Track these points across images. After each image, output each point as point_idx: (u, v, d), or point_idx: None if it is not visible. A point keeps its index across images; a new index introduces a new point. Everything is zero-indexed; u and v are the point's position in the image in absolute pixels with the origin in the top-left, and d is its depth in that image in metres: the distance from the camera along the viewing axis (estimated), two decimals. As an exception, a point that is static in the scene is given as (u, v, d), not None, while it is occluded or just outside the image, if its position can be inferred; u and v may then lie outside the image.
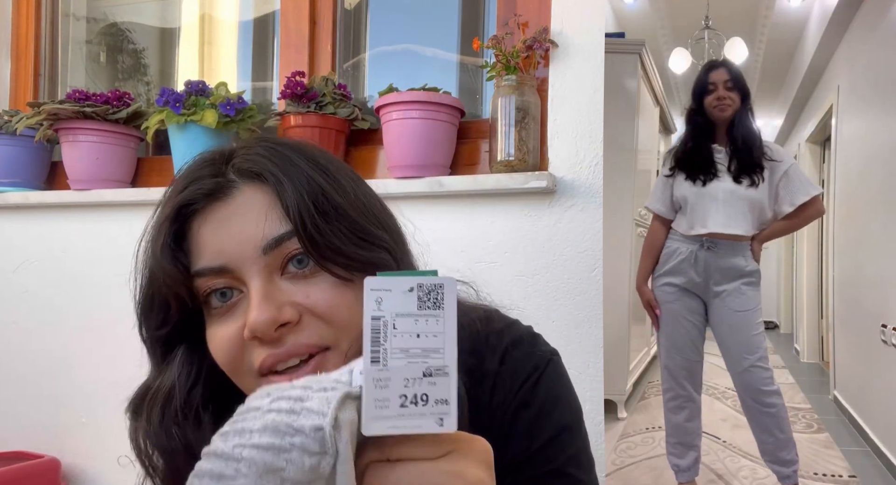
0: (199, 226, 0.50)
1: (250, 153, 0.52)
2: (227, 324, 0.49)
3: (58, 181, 1.78)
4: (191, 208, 0.51)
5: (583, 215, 1.27)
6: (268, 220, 0.49)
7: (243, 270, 0.49)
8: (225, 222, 0.50)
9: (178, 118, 1.48)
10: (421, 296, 0.36)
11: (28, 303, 1.72)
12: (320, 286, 0.49)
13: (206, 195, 0.50)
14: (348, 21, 1.72)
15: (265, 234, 0.49)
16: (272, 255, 0.49)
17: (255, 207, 0.50)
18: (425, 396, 0.35)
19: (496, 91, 1.31)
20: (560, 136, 1.29)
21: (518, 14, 1.34)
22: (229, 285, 0.50)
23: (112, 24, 2.10)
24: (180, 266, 0.49)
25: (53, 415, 1.68)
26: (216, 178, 0.51)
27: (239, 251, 0.49)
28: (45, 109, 1.58)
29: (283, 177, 0.50)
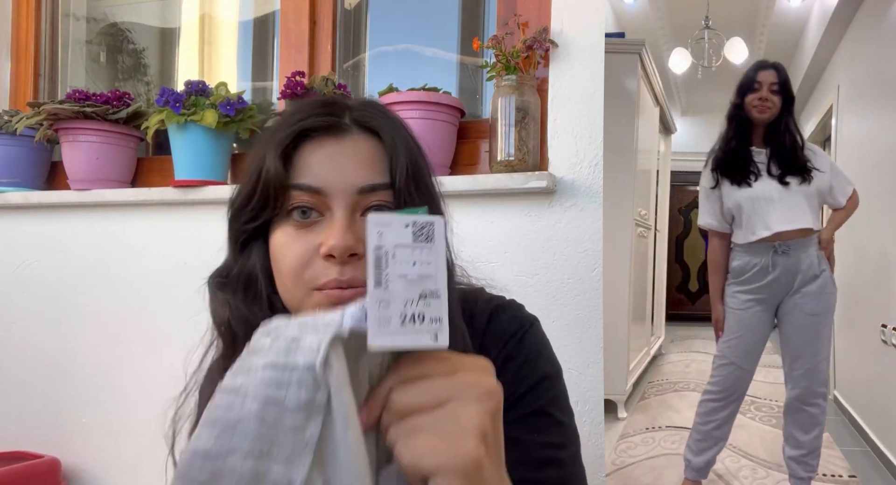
0: (310, 151, 0.58)
1: (368, 110, 0.61)
2: (303, 237, 0.57)
3: (58, 181, 1.78)
4: (308, 134, 0.59)
5: (583, 215, 1.27)
6: (372, 168, 0.58)
7: (335, 199, 0.57)
8: (335, 156, 0.58)
9: (178, 118, 1.48)
10: (415, 231, 0.41)
11: (28, 303, 1.72)
12: None
13: (325, 128, 0.59)
14: (348, 21, 1.72)
15: (366, 177, 0.58)
16: (363, 196, 0.57)
17: (364, 154, 0.58)
18: (422, 315, 0.40)
19: (496, 91, 1.31)
20: (560, 136, 1.29)
21: (518, 14, 1.34)
22: (315, 206, 0.57)
23: (112, 24, 2.10)
24: (287, 174, 0.57)
25: (53, 415, 1.68)
26: (335, 117, 0.60)
27: (339, 183, 0.57)
28: (45, 109, 1.58)
29: (396, 140, 0.59)
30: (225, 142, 1.55)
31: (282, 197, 0.57)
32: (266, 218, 0.59)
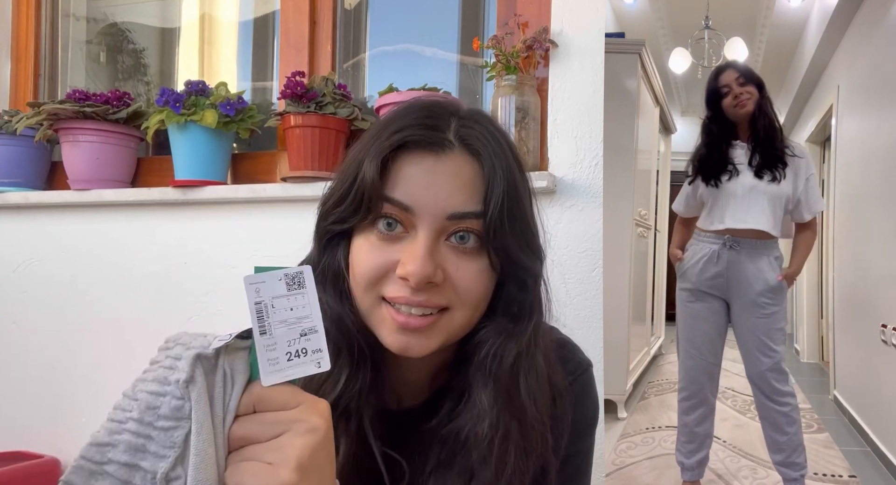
0: (406, 162, 0.56)
1: (475, 129, 0.58)
2: (383, 250, 0.56)
3: (58, 181, 1.78)
4: (407, 145, 0.56)
5: (583, 215, 1.27)
6: (467, 194, 0.56)
7: (422, 219, 0.55)
8: (430, 174, 0.56)
9: (178, 118, 1.48)
10: (288, 282, 0.47)
11: (28, 303, 1.72)
12: (470, 266, 0.56)
13: (426, 143, 0.56)
14: (348, 21, 1.72)
15: (459, 204, 0.55)
16: (452, 222, 0.56)
17: (461, 177, 0.56)
18: (304, 349, 0.47)
19: (496, 91, 1.31)
20: (560, 136, 1.29)
21: (518, 14, 1.34)
22: (402, 221, 0.56)
23: (112, 24, 2.10)
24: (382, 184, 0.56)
25: (53, 415, 1.68)
26: (440, 132, 0.57)
27: (429, 204, 0.55)
28: (45, 109, 1.58)
29: (496, 168, 0.56)
30: (225, 142, 1.55)
31: (373, 205, 0.56)
32: (353, 223, 0.58)
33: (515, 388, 0.58)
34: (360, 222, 0.57)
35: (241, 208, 1.52)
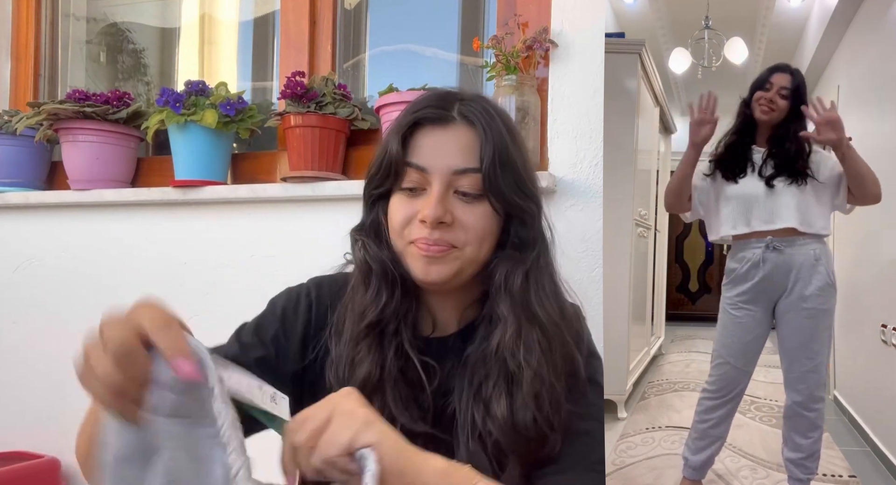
0: (420, 135, 0.73)
1: (473, 107, 0.74)
2: (408, 204, 0.73)
3: (58, 181, 1.78)
4: (422, 122, 0.73)
5: (583, 215, 1.27)
6: (468, 154, 0.72)
7: (434, 177, 0.72)
8: (439, 142, 0.73)
9: (178, 118, 1.48)
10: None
11: (28, 303, 1.72)
12: (475, 211, 0.73)
13: (435, 119, 0.73)
14: (348, 21, 1.72)
15: (461, 162, 0.72)
16: (457, 176, 0.72)
17: (462, 142, 0.73)
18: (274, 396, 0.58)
19: (496, 91, 1.31)
20: (560, 136, 1.29)
21: (518, 14, 1.34)
22: (420, 184, 0.73)
23: (112, 24, 2.10)
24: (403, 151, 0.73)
25: (53, 415, 1.68)
26: (445, 111, 0.74)
27: (438, 164, 0.72)
28: (45, 109, 1.58)
29: (488, 133, 0.72)
30: (225, 142, 1.55)
31: (399, 171, 0.73)
32: (388, 187, 0.75)
33: (528, 301, 0.73)
34: (393, 186, 0.75)
35: (241, 208, 1.52)
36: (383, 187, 0.76)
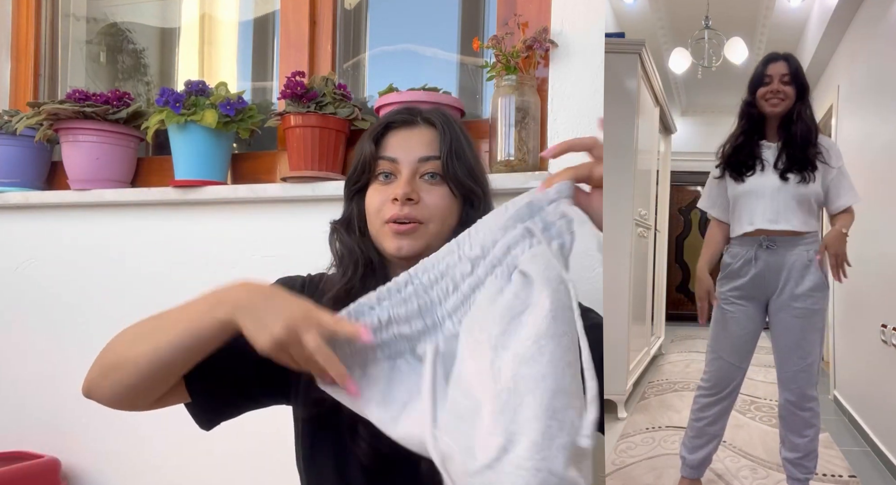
0: (392, 135, 0.90)
1: (434, 113, 0.92)
2: (383, 190, 0.88)
3: (58, 181, 1.78)
4: (392, 126, 0.90)
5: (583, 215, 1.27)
6: (429, 147, 0.89)
7: (403, 165, 0.88)
8: (405, 138, 0.90)
9: (178, 118, 1.48)
10: None
11: (28, 303, 1.72)
12: (436, 190, 0.88)
13: (402, 122, 0.91)
14: (348, 21, 1.72)
15: (425, 152, 0.88)
16: (422, 163, 0.88)
17: (425, 138, 0.89)
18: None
19: (496, 91, 1.31)
20: (560, 136, 1.30)
21: (518, 14, 1.34)
22: (392, 171, 0.88)
23: (112, 24, 2.10)
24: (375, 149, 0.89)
25: (53, 415, 1.68)
26: (411, 116, 0.91)
27: (406, 154, 0.88)
28: (45, 109, 1.58)
29: (446, 129, 0.89)
30: (225, 142, 1.55)
31: (373, 165, 0.89)
32: (364, 181, 0.90)
33: None
34: (369, 178, 0.89)
35: (241, 208, 1.52)
36: (360, 182, 0.90)
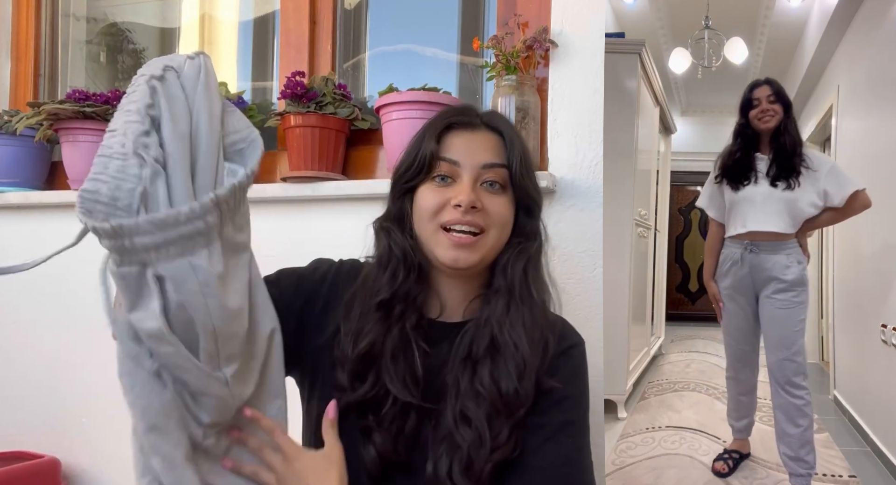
0: (451, 136, 0.85)
1: (494, 117, 0.88)
2: (441, 192, 0.82)
3: (58, 181, 1.78)
4: (453, 127, 0.85)
5: (583, 215, 1.27)
6: (493, 153, 0.84)
7: (465, 169, 0.82)
8: (468, 141, 0.84)
9: (178, 118, 1.47)
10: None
11: (28, 303, 1.72)
12: (498, 199, 0.83)
13: (464, 124, 0.86)
14: (348, 21, 1.72)
15: (489, 158, 0.83)
16: (485, 170, 0.83)
17: (488, 143, 0.85)
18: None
19: (496, 91, 1.31)
20: (560, 136, 1.29)
21: (518, 14, 1.34)
22: (451, 174, 0.83)
23: (112, 24, 2.10)
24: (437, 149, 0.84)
25: (53, 415, 1.68)
26: (471, 118, 0.87)
27: (469, 158, 0.83)
28: (45, 109, 1.58)
29: (514, 139, 0.86)
30: (225, 142, 1.55)
31: (432, 165, 0.83)
32: (419, 181, 0.84)
33: (525, 282, 0.83)
34: (423, 179, 0.84)
35: (241, 208, 1.52)
36: (415, 181, 0.84)
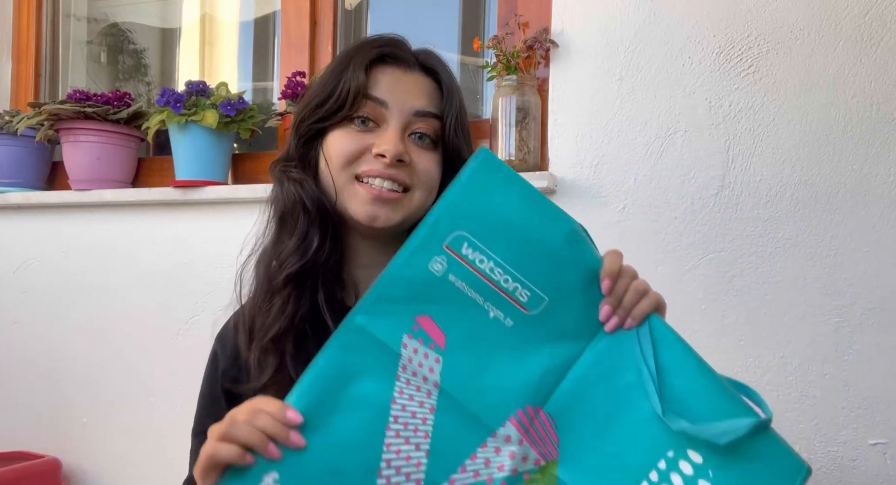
0: (381, 71, 0.71)
1: (431, 58, 0.76)
2: (360, 137, 0.70)
3: (59, 181, 1.78)
4: (384, 59, 0.72)
5: (583, 216, 1.27)
6: (428, 100, 0.72)
7: (393, 114, 0.70)
8: (400, 81, 0.72)
9: (178, 118, 1.48)
10: None
11: (28, 303, 1.72)
12: (428, 156, 0.72)
13: (397, 59, 0.73)
14: (348, 21, 1.72)
15: (423, 105, 0.72)
16: (416, 118, 0.71)
17: (423, 87, 0.73)
18: None
19: (497, 91, 1.31)
20: (560, 136, 1.29)
21: (518, 14, 1.34)
22: (375, 118, 0.70)
23: (113, 25, 2.10)
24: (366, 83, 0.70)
25: (54, 415, 1.68)
26: (405, 54, 0.74)
27: (400, 102, 0.70)
28: (45, 110, 1.58)
29: (452, 87, 0.74)
30: (225, 142, 1.55)
31: (357, 102, 0.69)
32: (335, 120, 0.70)
33: None
34: (339, 120, 0.70)
35: (241, 208, 1.52)
36: (331, 120, 0.71)
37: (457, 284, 0.59)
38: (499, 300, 0.60)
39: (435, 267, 0.59)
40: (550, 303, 0.61)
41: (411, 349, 0.58)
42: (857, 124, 1.12)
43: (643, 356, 0.60)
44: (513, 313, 0.60)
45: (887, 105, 1.11)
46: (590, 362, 0.61)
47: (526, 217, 0.61)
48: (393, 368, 0.58)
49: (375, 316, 0.58)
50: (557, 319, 0.61)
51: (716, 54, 1.20)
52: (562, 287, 0.61)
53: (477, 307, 0.60)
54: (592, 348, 0.62)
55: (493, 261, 0.59)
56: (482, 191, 0.60)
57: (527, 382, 0.60)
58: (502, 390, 0.60)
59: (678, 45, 1.22)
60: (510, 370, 0.60)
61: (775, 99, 1.17)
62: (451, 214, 0.59)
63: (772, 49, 1.17)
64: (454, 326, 0.59)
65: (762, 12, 1.18)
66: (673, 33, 1.23)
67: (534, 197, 0.62)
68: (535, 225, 0.61)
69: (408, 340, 0.58)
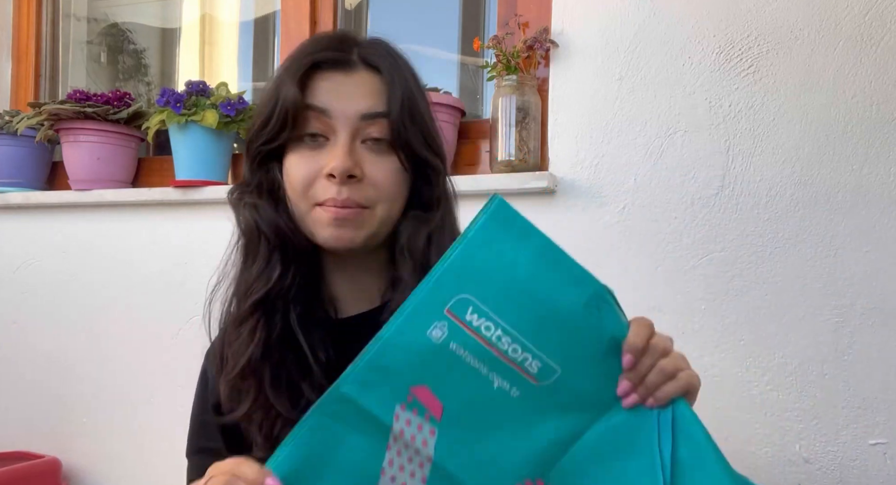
0: (319, 79, 0.66)
1: (374, 48, 0.68)
2: (311, 159, 0.65)
3: (59, 181, 1.78)
4: (320, 66, 0.66)
5: (583, 215, 1.27)
6: (374, 99, 0.65)
7: (339, 122, 0.64)
8: (341, 85, 0.65)
9: (178, 118, 1.48)
10: None
11: (28, 303, 1.72)
12: (384, 163, 0.66)
13: (334, 62, 0.66)
14: (348, 21, 1.72)
15: (368, 106, 0.65)
16: (365, 123, 0.65)
17: (367, 87, 0.66)
18: None
19: (497, 91, 1.31)
20: (561, 136, 1.29)
21: (518, 14, 1.34)
22: (322, 131, 0.65)
23: (113, 25, 2.10)
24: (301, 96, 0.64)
25: (54, 415, 1.68)
26: (345, 54, 0.67)
27: (343, 108, 0.64)
28: (45, 110, 1.58)
29: (395, 77, 0.66)
30: (225, 142, 1.55)
31: (297, 118, 0.64)
32: (282, 141, 0.66)
33: (428, 263, 0.65)
34: (289, 139, 0.66)
35: (241, 208, 1.52)
36: (276, 141, 0.66)
37: (458, 353, 0.53)
38: (505, 371, 0.54)
39: (434, 334, 0.52)
40: (563, 374, 0.54)
41: (404, 421, 0.53)
42: (857, 124, 1.12)
43: (660, 447, 0.54)
44: (520, 384, 0.54)
45: (887, 105, 1.11)
46: (603, 436, 0.56)
47: (541, 278, 0.54)
48: (383, 438, 0.54)
49: (365, 386, 0.53)
50: (569, 391, 0.55)
51: (716, 54, 1.20)
52: (577, 357, 0.54)
53: (480, 378, 0.53)
54: (607, 421, 0.56)
55: (500, 328, 0.53)
56: (492, 247, 0.54)
57: (529, 454, 0.55)
58: (502, 464, 0.55)
59: (678, 44, 1.22)
60: (512, 443, 0.55)
61: (775, 99, 1.17)
62: (455, 274, 0.53)
63: (772, 49, 1.17)
64: (453, 397, 0.54)
65: (762, 12, 1.18)
66: (673, 33, 1.23)
67: (552, 254, 0.56)
68: (552, 287, 0.54)
69: (400, 412, 0.53)
